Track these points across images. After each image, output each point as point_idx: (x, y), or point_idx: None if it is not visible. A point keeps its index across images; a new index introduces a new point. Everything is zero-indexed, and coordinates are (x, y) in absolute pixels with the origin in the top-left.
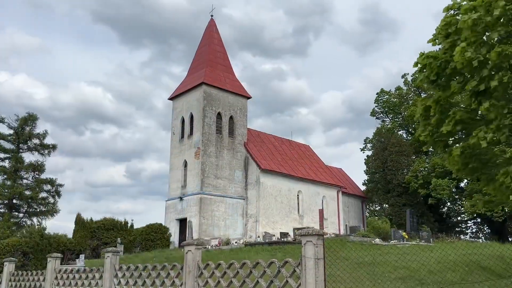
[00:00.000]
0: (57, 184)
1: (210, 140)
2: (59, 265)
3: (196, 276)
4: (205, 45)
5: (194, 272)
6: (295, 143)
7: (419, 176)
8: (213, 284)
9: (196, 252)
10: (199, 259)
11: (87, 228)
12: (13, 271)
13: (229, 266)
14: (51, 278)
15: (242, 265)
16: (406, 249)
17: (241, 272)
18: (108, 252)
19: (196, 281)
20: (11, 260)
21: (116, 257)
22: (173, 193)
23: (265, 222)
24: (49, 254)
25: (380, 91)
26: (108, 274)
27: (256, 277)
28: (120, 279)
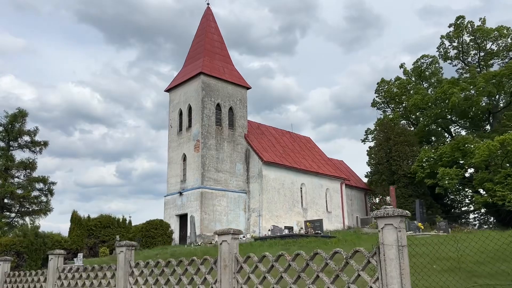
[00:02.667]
0: (49, 182)
1: (210, 132)
2: (62, 263)
3: (235, 272)
4: (202, 34)
5: (232, 266)
6: (295, 135)
7: (426, 165)
8: (258, 280)
9: (233, 243)
10: (236, 251)
11: (83, 226)
12: (9, 272)
13: (277, 259)
14: (54, 278)
15: (295, 256)
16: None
17: (294, 265)
18: (122, 246)
19: (235, 277)
20: (6, 260)
21: (131, 252)
22: (172, 188)
23: (268, 216)
24: (51, 250)
25: (381, 80)
26: (122, 272)
27: (315, 270)
28: (137, 278)
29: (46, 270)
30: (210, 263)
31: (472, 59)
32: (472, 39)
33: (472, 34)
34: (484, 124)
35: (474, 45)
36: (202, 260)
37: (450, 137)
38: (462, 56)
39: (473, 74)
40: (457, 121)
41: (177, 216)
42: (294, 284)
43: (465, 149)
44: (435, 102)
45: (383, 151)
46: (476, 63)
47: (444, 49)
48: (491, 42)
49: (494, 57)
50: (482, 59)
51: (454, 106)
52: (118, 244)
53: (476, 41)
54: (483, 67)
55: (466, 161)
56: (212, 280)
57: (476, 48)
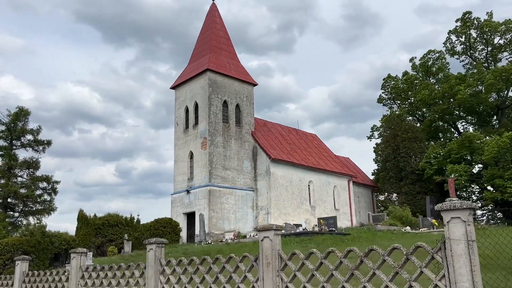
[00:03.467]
0: (53, 181)
1: (217, 129)
2: (85, 262)
3: (279, 270)
4: (208, 31)
5: (275, 264)
6: (302, 132)
7: (434, 162)
8: (305, 279)
9: (276, 239)
10: (279, 248)
11: (90, 225)
12: (27, 271)
13: (326, 256)
14: (77, 278)
15: (347, 253)
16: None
17: (346, 262)
18: (151, 243)
19: (279, 275)
20: (24, 259)
21: (161, 250)
22: (179, 186)
23: (277, 214)
24: (73, 249)
25: (387, 76)
26: (152, 270)
27: (371, 268)
28: (169, 276)
29: (68, 269)
30: (250, 261)
31: (479, 54)
32: (479, 34)
33: (480, 29)
34: (492, 120)
35: (482, 40)
36: (241, 258)
37: (458, 133)
38: (469, 51)
39: (481, 70)
40: (464, 117)
41: (184, 214)
42: (347, 283)
43: (473, 146)
44: (442, 97)
45: (391, 148)
46: (484, 58)
47: (451, 44)
48: (498, 36)
49: (502, 51)
50: (489, 54)
51: (461, 102)
52: (148, 242)
53: (484, 36)
54: (490, 62)
55: (475, 158)
56: (253, 279)
57: (484, 43)
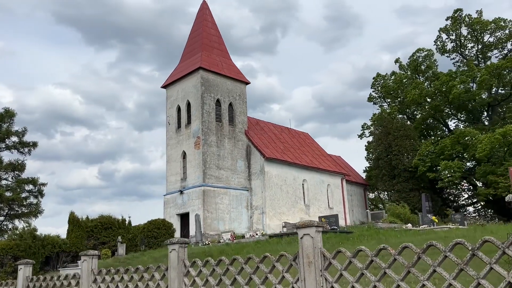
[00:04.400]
0: (39, 183)
1: (210, 128)
2: (97, 265)
3: (322, 269)
4: (199, 29)
5: (318, 263)
6: (294, 131)
7: (427, 159)
8: (353, 278)
9: (317, 237)
10: (321, 246)
11: (82, 228)
12: (31, 276)
13: (377, 253)
14: (88, 282)
15: (402, 250)
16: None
17: (401, 260)
18: (173, 243)
19: (322, 275)
20: (27, 263)
21: (184, 250)
22: (172, 186)
23: (272, 213)
24: (84, 251)
25: (377, 75)
26: (175, 272)
27: (430, 264)
28: (195, 278)
29: (78, 273)
30: (288, 260)
31: (469, 52)
32: (470, 32)
33: (470, 26)
34: (483, 117)
35: (472, 38)
36: (277, 257)
37: (448, 130)
38: (460, 49)
39: (471, 67)
40: (455, 114)
41: (177, 215)
42: (402, 281)
43: (466, 142)
44: (433, 95)
45: (383, 146)
46: (474, 55)
47: (441, 42)
48: (488, 34)
49: (492, 49)
50: (479, 51)
51: (455, 99)
52: (169, 242)
53: (474, 34)
54: (481, 59)
55: (468, 154)
56: (292, 279)
57: (474, 41)
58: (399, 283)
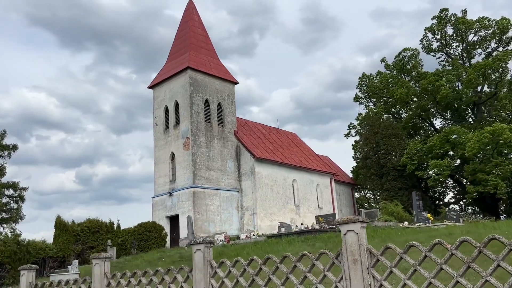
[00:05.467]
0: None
1: (199, 129)
2: (109, 268)
3: (369, 266)
4: (186, 29)
5: (365, 260)
6: (282, 131)
7: (415, 158)
8: (405, 276)
9: (362, 233)
10: (366, 242)
11: (69, 232)
12: (34, 282)
13: (431, 248)
14: (101, 287)
15: (460, 244)
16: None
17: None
18: (199, 243)
19: (370, 272)
20: (30, 268)
21: (210, 250)
22: (160, 188)
23: (263, 214)
24: (95, 254)
25: (362, 75)
26: (201, 274)
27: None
28: (224, 280)
29: (88, 278)
30: (330, 258)
31: (454, 51)
32: (455, 31)
33: (455, 26)
34: (467, 115)
35: (457, 37)
36: (317, 255)
37: (434, 129)
38: (445, 48)
39: (457, 66)
40: (441, 113)
41: (167, 218)
42: (462, 277)
43: (454, 141)
44: (421, 94)
45: (370, 145)
46: (459, 55)
47: (427, 41)
48: (472, 33)
49: (476, 48)
50: (464, 50)
51: (443, 99)
52: (194, 241)
53: (459, 33)
54: (465, 58)
55: (457, 153)
56: (335, 278)
57: (460, 40)
58: (458, 279)
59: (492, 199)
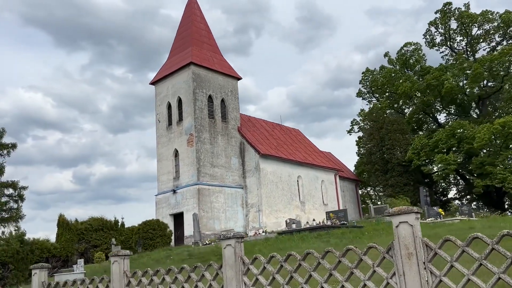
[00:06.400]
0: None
1: (203, 125)
2: (128, 266)
3: (426, 261)
4: (187, 24)
5: (421, 254)
6: (285, 128)
7: (422, 153)
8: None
9: (417, 225)
10: (420, 234)
11: (72, 231)
12: (46, 281)
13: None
14: (121, 286)
15: None
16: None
17: None
18: (229, 238)
19: (427, 267)
20: (42, 267)
21: (241, 245)
22: (164, 186)
23: (268, 211)
24: (114, 251)
25: (366, 70)
26: (232, 271)
27: None
28: (258, 277)
29: (106, 277)
30: (380, 252)
31: (458, 45)
32: (459, 25)
33: (459, 19)
34: (471, 110)
35: (461, 31)
36: (366, 249)
37: (438, 124)
38: (449, 42)
39: (461, 61)
40: (446, 108)
41: (171, 215)
42: None
43: (461, 135)
44: (426, 89)
45: (375, 141)
46: (463, 49)
47: (430, 36)
48: (476, 27)
49: (480, 42)
50: (468, 44)
51: (448, 93)
52: (224, 236)
53: (463, 27)
54: (469, 52)
55: (463, 147)
56: (386, 274)
57: (463, 34)
58: None
59: (497, 194)
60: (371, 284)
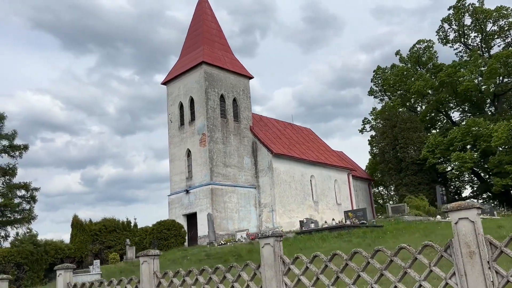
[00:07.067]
0: (32, 188)
1: (215, 125)
2: (158, 266)
3: (490, 260)
4: (198, 23)
5: (484, 253)
6: (297, 127)
7: (437, 151)
8: None
9: (478, 221)
10: (482, 231)
11: (86, 232)
12: (72, 282)
13: None
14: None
15: None
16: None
17: None
18: (267, 237)
19: (492, 267)
20: (67, 268)
21: (280, 244)
22: (176, 186)
23: (281, 211)
24: (143, 251)
25: (377, 68)
26: (271, 271)
27: None
28: (301, 277)
29: (135, 278)
30: (438, 251)
31: (472, 41)
32: (473, 21)
33: (473, 15)
34: (487, 107)
35: (476, 27)
36: (421, 248)
37: (451, 122)
38: (463, 38)
39: (476, 57)
40: (461, 105)
41: (184, 216)
42: None
43: (477, 133)
44: (439, 87)
45: (388, 139)
46: (477, 45)
47: (443, 32)
48: (491, 23)
49: (495, 38)
50: (483, 40)
51: (463, 90)
52: (262, 235)
53: (477, 23)
54: (484, 49)
55: (479, 145)
56: (444, 274)
57: (478, 30)
58: None
59: None
60: (428, 284)
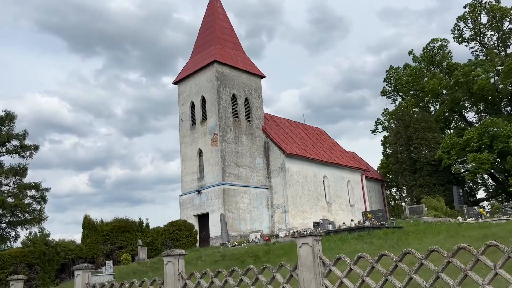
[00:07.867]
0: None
1: (227, 124)
2: (183, 267)
3: None
4: (210, 22)
5: None
6: (308, 127)
7: (452, 152)
8: None
9: None
10: None
11: (98, 232)
12: (90, 283)
13: None
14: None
15: None
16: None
17: None
18: (305, 236)
19: None
20: (86, 268)
21: (319, 244)
22: (188, 186)
23: (294, 212)
24: (168, 251)
25: (390, 68)
26: (310, 272)
27: None
28: (343, 280)
29: (158, 279)
30: (504, 252)
31: (488, 40)
32: (489, 19)
33: (490, 13)
34: (503, 107)
35: (492, 25)
36: (483, 248)
37: (466, 122)
38: (479, 36)
39: (492, 56)
40: (476, 105)
41: (195, 216)
42: None
43: (494, 133)
44: (454, 86)
45: (402, 140)
46: (494, 44)
47: (459, 30)
48: (508, 21)
49: None
50: (500, 39)
51: (479, 90)
52: (299, 234)
53: (494, 21)
54: (501, 47)
55: (497, 146)
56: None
57: (494, 29)
58: None
59: None
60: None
